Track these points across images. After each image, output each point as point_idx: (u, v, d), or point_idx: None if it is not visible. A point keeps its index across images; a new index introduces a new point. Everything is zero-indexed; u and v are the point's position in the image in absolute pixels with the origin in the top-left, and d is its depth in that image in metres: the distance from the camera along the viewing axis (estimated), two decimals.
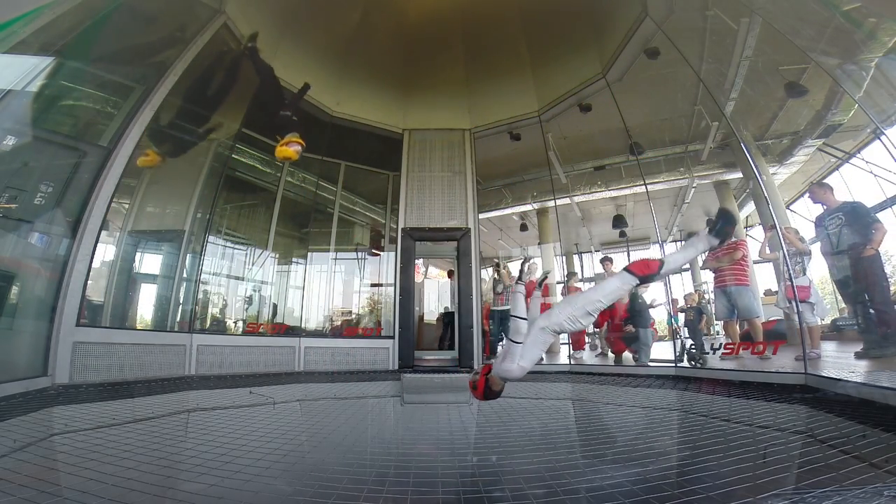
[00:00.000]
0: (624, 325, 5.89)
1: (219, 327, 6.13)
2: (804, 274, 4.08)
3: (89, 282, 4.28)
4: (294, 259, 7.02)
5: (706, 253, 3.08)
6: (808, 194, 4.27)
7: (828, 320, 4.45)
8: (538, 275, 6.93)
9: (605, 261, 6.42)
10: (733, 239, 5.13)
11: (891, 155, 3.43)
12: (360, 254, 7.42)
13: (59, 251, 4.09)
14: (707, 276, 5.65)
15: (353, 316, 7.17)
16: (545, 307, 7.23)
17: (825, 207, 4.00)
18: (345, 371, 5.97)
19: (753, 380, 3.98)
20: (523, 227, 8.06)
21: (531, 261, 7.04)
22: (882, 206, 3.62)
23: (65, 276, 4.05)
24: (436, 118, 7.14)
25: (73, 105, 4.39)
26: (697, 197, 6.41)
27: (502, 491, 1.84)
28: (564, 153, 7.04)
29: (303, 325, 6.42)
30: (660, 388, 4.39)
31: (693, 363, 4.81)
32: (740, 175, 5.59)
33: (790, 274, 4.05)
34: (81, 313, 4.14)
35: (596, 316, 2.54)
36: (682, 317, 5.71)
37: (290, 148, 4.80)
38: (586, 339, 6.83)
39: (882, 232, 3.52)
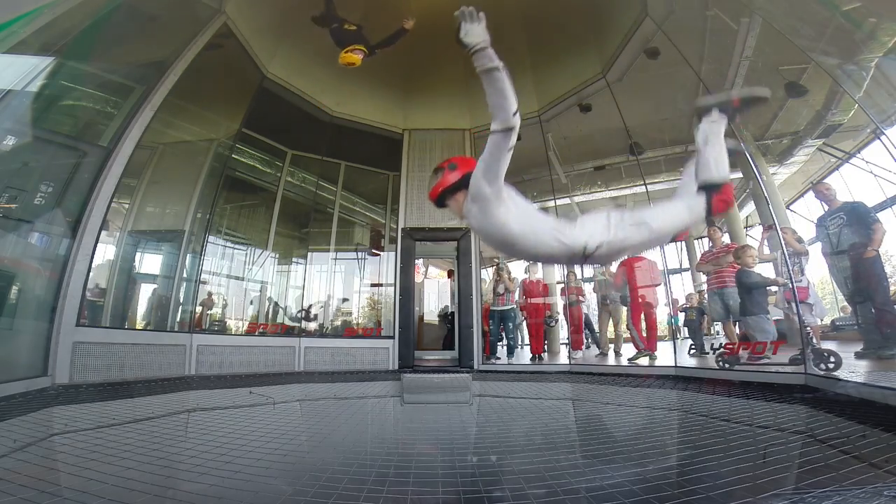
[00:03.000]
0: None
1: (221, 327, 6.14)
2: (802, 274, 4.08)
3: (89, 282, 4.28)
4: (294, 259, 7.02)
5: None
6: (813, 192, 4.27)
7: (827, 320, 4.45)
8: (538, 275, 6.94)
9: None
10: (726, 242, 5.15)
11: (891, 155, 3.43)
12: (360, 254, 7.42)
13: (59, 251, 4.09)
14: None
15: (353, 316, 7.17)
16: (537, 307, 6.92)
17: (826, 207, 4.00)
18: (345, 371, 5.97)
19: (753, 380, 3.98)
20: None
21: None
22: (882, 206, 3.63)
23: (65, 276, 4.04)
24: (436, 118, 7.13)
25: (73, 105, 4.39)
26: None
27: (502, 491, 1.84)
28: (564, 153, 7.03)
29: (302, 325, 6.42)
30: (660, 388, 4.39)
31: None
32: (740, 175, 5.59)
33: (789, 275, 4.05)
34: (81, 313, 4.13)
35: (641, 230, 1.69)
36: (682, 317, 5.71)
37: (354, 54, 4.84)
38: (584, 340, 6.82)
39: (881, 232, 3.53)
